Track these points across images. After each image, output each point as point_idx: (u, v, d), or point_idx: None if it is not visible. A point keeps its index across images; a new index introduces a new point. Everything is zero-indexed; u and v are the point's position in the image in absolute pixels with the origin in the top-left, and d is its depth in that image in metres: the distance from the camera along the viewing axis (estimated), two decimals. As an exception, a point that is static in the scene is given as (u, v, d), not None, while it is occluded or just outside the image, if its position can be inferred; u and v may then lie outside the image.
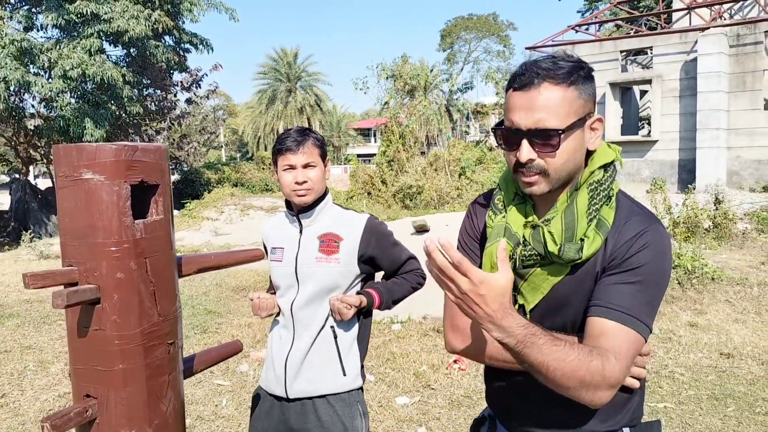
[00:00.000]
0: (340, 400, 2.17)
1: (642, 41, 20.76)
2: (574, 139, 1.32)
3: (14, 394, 4.81)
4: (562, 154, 1.32)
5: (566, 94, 1.30)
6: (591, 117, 1.36)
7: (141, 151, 1.34)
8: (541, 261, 1.38)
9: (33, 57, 13.60)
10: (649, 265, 1.29)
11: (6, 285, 9.23)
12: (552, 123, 1.29)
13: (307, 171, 2.14)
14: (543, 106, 1.29)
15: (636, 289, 1.29)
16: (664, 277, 1.32)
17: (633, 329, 1.27)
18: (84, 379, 1.36)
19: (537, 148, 1.32)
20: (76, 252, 1.32)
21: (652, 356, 5.20)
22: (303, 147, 2.13)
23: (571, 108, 1.31)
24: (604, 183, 1.37)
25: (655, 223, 1.34)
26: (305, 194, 2.15)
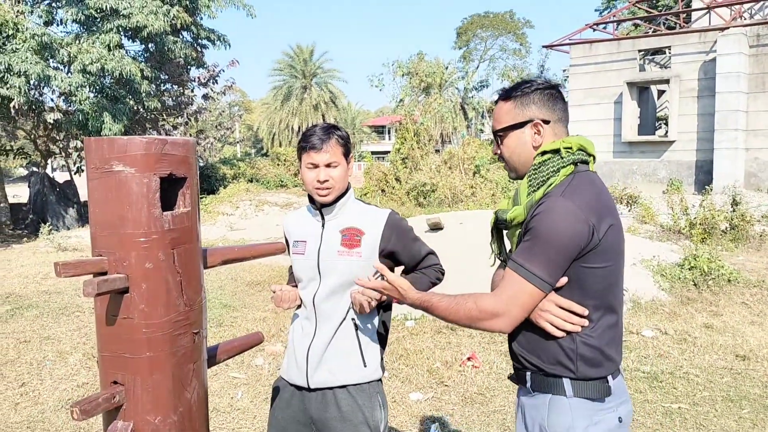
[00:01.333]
0: (361, 391, 2.20)
1: (660, 40, 20.59)
2: (513, 138, 1.81)
3: (34, 383, 4.89)
4: (507, 148, 1.84)
5: (505, 105, 1.83)
6: (533, 121, 1.78)
7: (170, 144, 1.37)
8: (504, 226, 1.82)
9: (53, 51, 13.73)
10: (537, 226, 1.64)
11: (25, 276, 9.36)
12: (497, 126, 1.85)
13: (329, 170, 2.16)
14: (495, 116, 1.87)
15: (527, 245, 1.66)
16: (550, 237, 1.62)
17: (517, 274, 1.65)
18: (112, 366, 1.39)
19: (498, 144, 1.87)
20: (106, 242, 1.35)
21: (666, 357, 5.18)
22: (326, 146, 2.15)
23: (509, 115, 1.81)
24: (543, 166, 1.73)
25: (557, 197, 1.65)
26: (327, 194, 2.18)
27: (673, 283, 7.29)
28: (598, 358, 1.69)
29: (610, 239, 1.67)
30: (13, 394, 4.66)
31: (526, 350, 1.76)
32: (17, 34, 13.02)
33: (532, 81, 1.83)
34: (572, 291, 1.67)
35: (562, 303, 1.67)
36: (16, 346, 5.80)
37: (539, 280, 1.63)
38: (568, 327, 1.66)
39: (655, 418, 4.08)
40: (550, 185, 1.70)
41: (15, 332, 6.27)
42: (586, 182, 1.71)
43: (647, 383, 4.64)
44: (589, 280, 1.67)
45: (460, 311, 1.71)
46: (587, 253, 1.64)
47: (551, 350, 1.70)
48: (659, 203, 13.82)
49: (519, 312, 1.66)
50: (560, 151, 1.73)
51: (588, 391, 1.68)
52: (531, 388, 1.77)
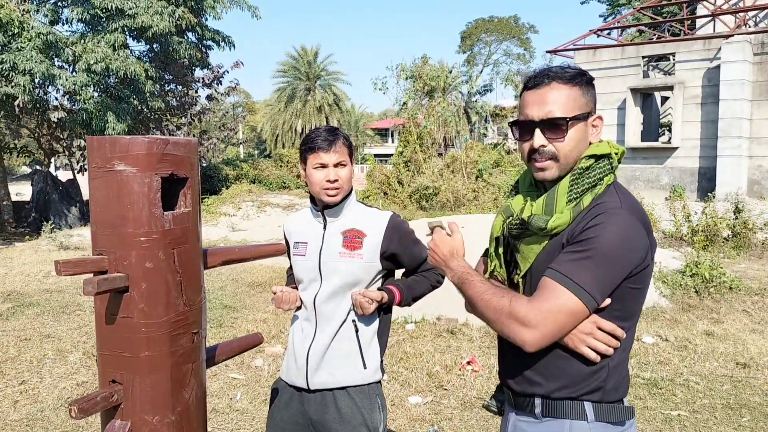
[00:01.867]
0: (360, 392, 2.20)
1: (665, 47, 20.58)
2: (578, 130, 1.57)
3: (33, 381, 4.90)
4: (570, 141, 1.56)
5: (571, 92, 1.56)
6: (592, 115, 1.60)
7: (172, 144, 1.37)
8: (525, 232, 1.59)
9: (58, 50, 13.77)
10: (595, 240, 1.46)
11: (26, 274, 9.38)
12: (560, 113, 1.55)
13: (338, 170, 2.17)
14: (552, 101, 1.56)
15: (579, 257, 1.47)
16: (612, 252, 1.46)
17: (563, 286, 1.45)
18: (110, 365, 1.40)
19: (548, 135, 1.56)
20: (107, 241, 1.36)
21: (666, 364, 5.17)
22: (335, 146, 2.16)
23: (576, 103, 1.56)
24: (591, 171, 1.54)
25: (618, 209, 1.50)
26: (336, 193, 2.18)
27: (675, 289, 7.28)
28: (623, 382, 1.59)
29: (653, 260, 1.56)
30: (13, 392, 4.66)
31: (543, 376, 1.58)
32: (22, 32, 13.06)
33: (583, 70, 1.62)
34: (611, 312, 1.52)
35: (605, 326, 1.51)
36: (16, 343, 5.81)
37: (590, 299, 1.46)
38: (609, 352, 1.52)
39: (655, 425, 4.07)
40: (595, 194, 1.53)
41: (16, 330, 6.28)
42: (629, 194, 1.57)
43: (647, 390, 4.63)
44: (628, 300, 1.54)
45: (493, 303, 1.52)
46: (636, 274, 1.51)
47: (577, 374, 1.55)
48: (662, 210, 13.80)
49: (554, 329, 1.47)
50: (610, 156, 1.56)
51: (609, 415, 1.56)
52: (541, 414, 1.60)
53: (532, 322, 1.45)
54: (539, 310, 1.46)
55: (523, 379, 1.62)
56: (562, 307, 1.46)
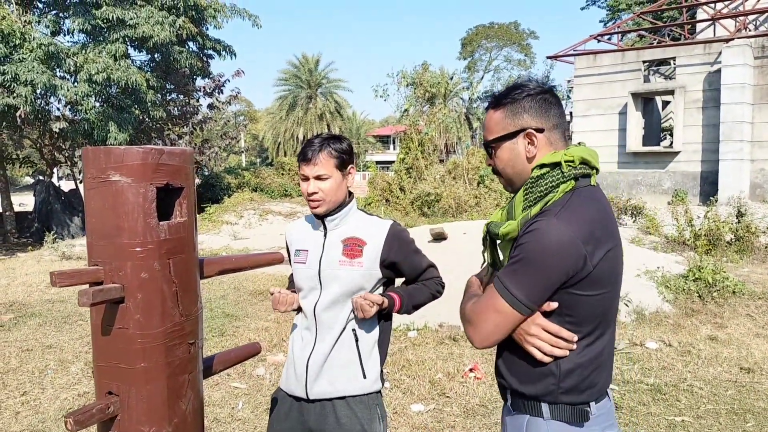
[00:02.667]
0: (360, 403, 2.19)
1: (665, 52, 20.60)
2: (505, 149, 1.70)
3: (35, 392, 4.89)
4: (500, 160, 1.72)
5: (494, 115, 1.71)
6: (524, 131, 1.66)
7: (167, 154, 1.37)
8: (497, 239, 1.72)
9: (59, 61, 13.83)
10: (523, 246, 1.55)
11: (29, 285, 9.38)
12: (489, 137, 1.72)
13: (318, 182, 2.17)
14: (485, 126, 1.75)
15: (511, 263, 1.58)
16: (535, 258, 1.53)
17: (495, 290, 1.59)
18: (106, 377, 1.39)
19: (490, 155, 1.75)
20: (102, 252, 1.35)
21: (670, 369, 5.14)
22: (316, 158, 2.16)
23: (498, 126, 1.70)
24: (542, 180, 1.62)
25: (551, 218, 1.54)
26: (316, 206, 2.19)
27: (678, 294, 7.25)
28: (581, 386, 1.62)
29: (605, 267, 1.57)
30: (14, 403, 4.65)
31: (508, 370, 1.70)
32: (24, 43, 13.12)
33: (523, 86, 1.70)
34: (561, 316, 1.58)
35: (550, 328, 1.58)
36: (18, 354, 5.80)
37: (515, 301, 1.55)
38: (556, 352, 1.58)
39: (658, 431, 4.04)
40: (547, 202, 1.58)
41: (18, 341, 6.27)
42: (586, 201, 1.60)
43: (651, 395, 4.61)
44: (579, 306, 1.58)
45: (461, 307, 1.72)
46: (578, 282, 1.54)
47: (533, 373, 1.64)
48: (664, 214, 13.79)
49: (488, 328, 1.59)
50: (561, 164, 1.61)
51: (566, 415, 1.62)
52: (511, 407, 1.72)
53: (471, 320, 1.63)
54: (473, 310, 1.64)
55: (498, 369, 1.77)
56: (490, 307, 1.59)
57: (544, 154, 1.66)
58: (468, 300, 1.70)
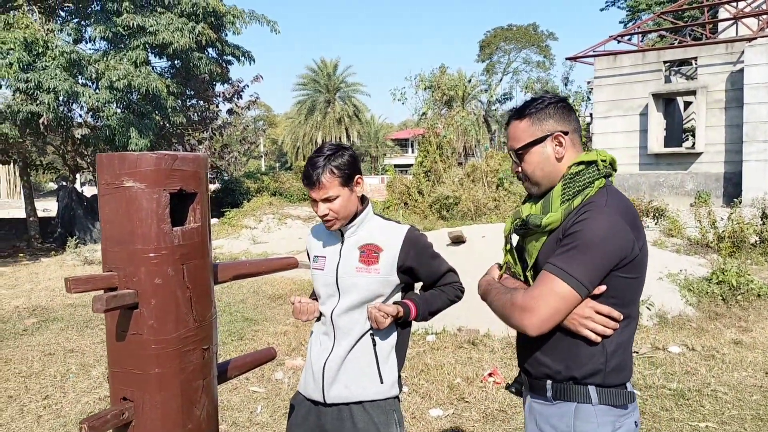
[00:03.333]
0: (377, 408, 2.18)
1: (687, 52, 20.35)
2: (534, 154, 1.82)
3: (57, 396, 4.94)
4: (529, 164, 1.84)
5: (521, 124, 1.85)
6: (551, 135, 1.81)
7: (180, 160, 1.37)
8: (528, 231, 1.82)
9: (81, 68, 14.01)
10: (580, 233, 1.66)
11: (51, 289, 9.50)
12: (516, 145, 1.86)
13: (327, 204, 2.16)
14: (511, 136, 1.89)
15: (566, 249, 1.67)
16: (594, 243, 1.64)
17: (553, 274, 1.66)
18: (121, 382, 1.39)
19: (518, 162, 1.87)
20: (117, 257, 1.36)
21: (693, 374, 5.05)
22: (320, 182, 2.13)
23: (525, 133, 1.84)
24: (580, 176, 1.75)
25: (602, 206, 1.69)
26: (330, 225, 2.21)
27: (701, 297, 7.13)
28: (622, 364, 1.74)
29: (644, 252, 1.73)
30: (36, 407, 4.71)
31: (551, 358, 1.76)
32: (47, 51, 13.31)
33: (543, 97, 1.87)
34: (607, 299, 1.69)
35: (602, 309, 1.69)
36: (41, 358, 5.87)
37: (578, 284, 1.64)
38: (607, 332, 1.69)
39: (682, 437, 3.97)
40: (586, 195, 1.74)
41: (40, 345, 6.35)
42: (619, 195, 1.78)
43: (674, 401, 4.53)
44: (623, 289, 1.70)
45: (501, 300, 1.77)
46: (625, 264, 1.68)
47: (582, 357, 1.72)
48: (686, 216, 13.59)
49: (548, 312, 1.65)
50: (597, 163, 1.77)
51: (612, 398, 1.71)
52: (552, 397, 1.77)
53: (528, 307, 1.67)
54: (532, 296, 1.68)
55: (535, 361, 1.81)
56: (551, 291, 1.65)
57: (570, 155, 1.82)
58: (506, 292, 1.77)
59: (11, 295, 9.06)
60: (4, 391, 5.01)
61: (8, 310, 8.02)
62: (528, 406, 1.87)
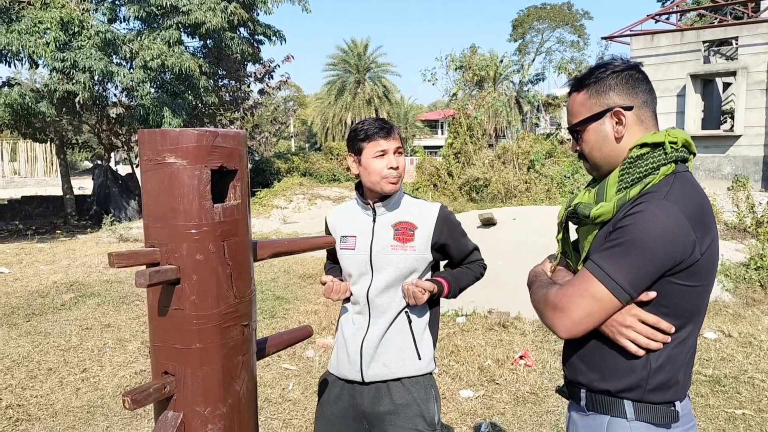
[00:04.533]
0: (416, 383, 2.19)
1: (727, 31, 19.76)
2: (592, 131, 1.60)
3: (94, 369, 5.06)
4: (587, 143, 1.63)
5: (578, 98, 1.63)
6: (610, 110, 1.57)
7: (221, 136, 1.37)
8: (582, 221, 1.60)
9: (116, 48, 14.17)
10: (629, 228, 1.43)
11: (88, 266, 9.72)
12: (573, 121, 1.64)
13: (398, 157, 2.18)
14: (569, 110, 1.66)
15: (611, 245, 1.46)
16: (644, 242, 1.41)
17: (591, 273, 1.46)
18: (163, 357, 1.40)
19: (576, 140, 1.67)
20: (159, 233, 1.36)
21: (730, 360, 4.97)
22: (393, 133, 2.18)
23: (583, 107, 1.62)
24: (642, 161, 1.51)
25: (660, 199, 1.44)
26: (396, 181, 2.17)
27: (738, 283, 6.99)
28: (670, 382, 1.51)
29: (709, 257, 1.47)
30: (75, 380, 4.83)
31: (586, 365, 1.59)
32: (82, 31, 13.49)
33: (607, 64, 1.61)
34: (656, 307, 1.47)
35: (648, 319, 1.47)
36: (78, 332, 6.02)
37: (616, 287, 1.44)
38: (652, 346, 1.47)
39: (718, 424, 3.91)
40: (647, 184, 1.49)
41: (78, 319, 6.51)
42: (689, 186, 1.50)
43: (709, 387, 4.46)
44: (678, 297, 1.47)
45: (539, 294, 1.60)
46: (682, 270, 1.44)
47: (619, 368, 1.52)
48: (723, 200, 13.28)
49: (580, 315, 1.47)
50: (664, 145, 1.51)
51: (652, 416, 1.50)
52: (585, 407, 1.60)
53: (559, 306, 1.50)
54: (566, 294, 1.50)
55: (572, 366, 1.64)
56: (585, 292, 1.46)
57: (634, 134, 1.57)
58: (546, 286, 1.59)
59: (49, 271, 9.29)
60: (44, 364, 5.16)
61: (47, 285, 8.23)
62: (568, 414, 1.72)
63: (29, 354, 5.39)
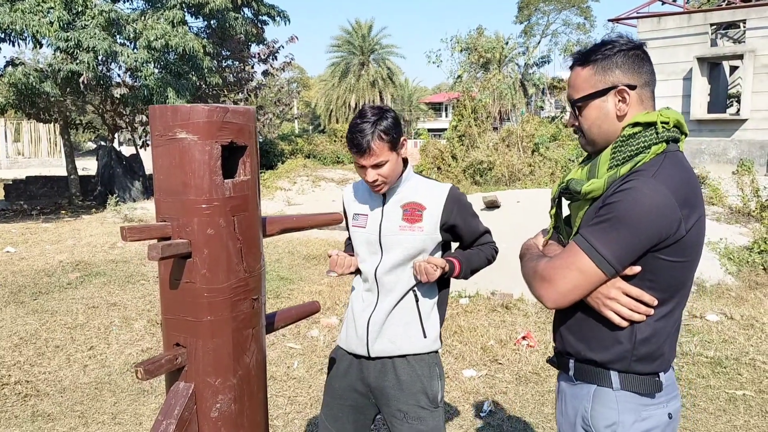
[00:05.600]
0: (420, 360, 2.22)
1: (735, 14, 19.56)
2: (593, 108, 1.62)
3: (101, 347, 5.12)
4: (586, 119, 1.64)
5: (583, 72, 1.63)
6: (615, 88, 1.59)
7: (231, 112, 1.38)
8: (573, 196, 1.64)
9: (120, 28, 14.12)
10: (616, 205, 1.48)
11: (93, 245, 9.77)
12: (575, 95, 1.65)
13: (377, 170, 2.13)
14: (571, 84, 1.67)
15: (598, 221, 1.51)
16: (630, 218, 1.46)
17: (579, 246, 1.52)
18: (174, 329, 1.43)
19: (575, 114, 1.67)
20: (170, 208, 1.39)
21: (731, 342, 5.00)
22: (370, 149, 2.09)
23: (587, 83, 1.62)
24: (634, 139, 1.55)
25: (648, 177, 1.48)
26: (379, 190, 2.19)
27: (741, 266, 7.00)
28: (655, 354, 1.57)
29: (694, 234, 1.52)
30: (82, 357, 4.89)
31: (574, 336, 1.64)
32: (86, 10, 13.43)
33: (614, 41, 1.62)
34: (642, 281, 1.52)
35: (632, 291, 1.52)
36: (85, 311, 6.08)
37: (602, 261, 1.49)
38: (635, 317, 1.53)
39: (718, 404, 3.95)
40: (637, 162, 1.53)
41: (84, 298, 6.56)
42: (678, 165, 1.55)
43: (710, 368, 4.50)
44: (663, 272, 1.52)
45: (529, 266, 1.66)
46: (667, 246, 1.49)
47: (605, 339, 1.58)
48: (728, 184, 13.27)
49: (566, 286, 1.53)
50: (656, 125, 1.55)
51: (637, 385, 1.57)
52: (573, 377, 1.66)
53: (546, 277, 1.56)
54: (553, 266, 1.56)
55: (561, 336, 1.70)
56: (572, 265, 1.52)
57: (635, 113, 1.59)
58: (536, 259, 1.65)
59: (55, 250, 9.35)
60: (52, 341, 5.22)
61: (53, 264, 8.28)
62: (558, 384, 1.78)
63: (37, 332, 5.45)
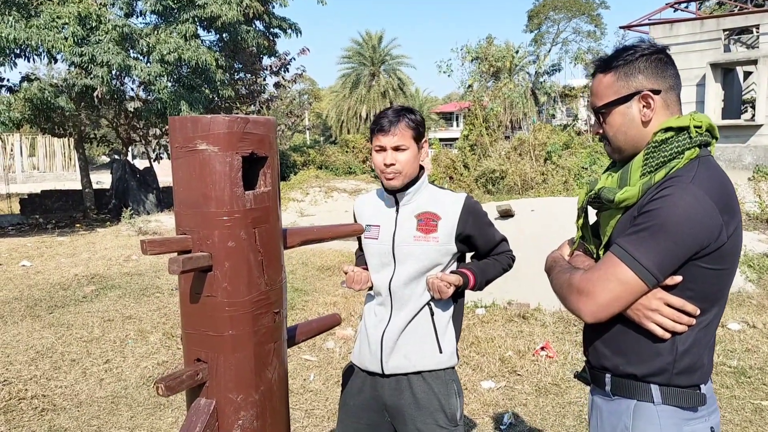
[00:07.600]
0: (436, 378, 2.15)
1: (748, 19, 19.43)
2: (617, 114, 1.58)
3: (117, 360, 5.11)
4: (611, 126, 1.60)
5: (605, 79, 1.59)
6: (639, 93, 1.54)
7: (252, 123, 1.36)
8: (603, 205, 1.59)
9: (133, 42, 14.25)
10: (655, 212, 1.42)
11: (108, 258, 9.80)
12: (599, 102, 1.61)
13: (396, 154, 2.11)
14: (594, 91, 1.63)
15: (638, 230, 1.45)
16: (671, 226, 1.40)
17: (618, 257, 1.45)
18: (195, 344, 1.40)
19: (600, 121, 1.63)
20: (190, 220, 1.36)
21: (754, 351, 4.90)
22: (394, 128, 2.09)
23: (610, 90, 1.58)
24: (667, 145, 1.50)
25: (687, 183, 1.43)
26: (393, 177, 2.13)
27: (761, 274, 6.89)
28: (695, 365, 1.51)
29: (734, 240, 1.47)
30: (98, 370, 4.88)
31: (610, 349, 1.58)
32: (100, 25, 13.56)
33: (636, 46, 1.58)
34: (682, 291, 1.47)
35: (674, 302, 1.46)
36: (100, 324, 6.08)
37: (643, 270, 1.43)
38: (678, 329, 1.47)
39: (744, 415, 3.87)
40: (671, 168, 1.48)
41: (99, 311, 6.57)
42: (713, 170, 1.50)
43: (734, 378, 4.41)
44: (704, 281, 1.47)
45: (560, 279, 1.60)
46: (708, 254, 1.44)
47: (645, 352, 1.51)
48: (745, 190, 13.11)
49: (606, 299, 1.46)
50: (689, 129, 1.50)
51: (679, 399, 1.50)
52: (611, 392, 1.59)
53: (584, 290, 1.49)
54: (591, 278, 1.49)
55: (595, 351, 1.64)
56: (612, 276, 1.45)
57: (660, 118, 1.55)
58: (568, 271, 1.59)
59: (70, 264, 9.39)
60: (68, 355, 5.22)
61: (68, 277, 8.31)
62: (591, 399, 1.71)
63: (53, 345, 5.45)
